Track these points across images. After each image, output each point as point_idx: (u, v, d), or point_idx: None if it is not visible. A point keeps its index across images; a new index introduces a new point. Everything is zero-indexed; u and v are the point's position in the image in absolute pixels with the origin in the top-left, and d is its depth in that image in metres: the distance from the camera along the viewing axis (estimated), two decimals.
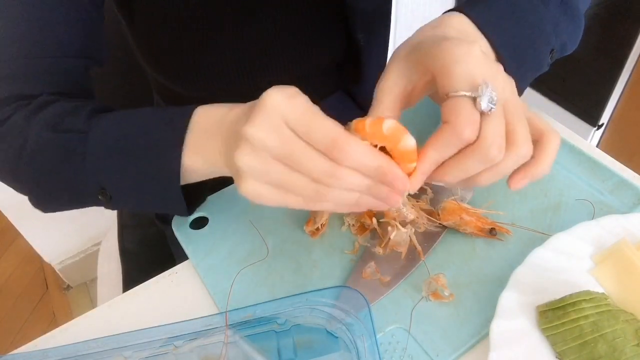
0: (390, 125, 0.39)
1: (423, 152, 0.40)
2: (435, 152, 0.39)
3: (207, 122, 0.45)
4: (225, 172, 0.45)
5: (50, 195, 0.53)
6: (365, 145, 0.38)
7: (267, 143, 0.38)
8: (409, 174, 0.40)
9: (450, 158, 0.40)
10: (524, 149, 0.40)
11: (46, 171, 0.50)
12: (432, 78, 0.41)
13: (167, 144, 0.46)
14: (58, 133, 0.48)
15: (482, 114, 0.38)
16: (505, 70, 0.42)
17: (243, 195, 0.40)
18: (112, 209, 0.52)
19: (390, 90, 0.43)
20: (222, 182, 0.65)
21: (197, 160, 0.46)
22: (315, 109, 0.38)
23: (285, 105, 0.38)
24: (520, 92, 0.48)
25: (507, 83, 0.41)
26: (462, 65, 0.38)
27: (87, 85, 0.57)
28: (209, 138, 0.44)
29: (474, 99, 0.37)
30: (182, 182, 0.47)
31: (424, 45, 0.41)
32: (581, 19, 0.54)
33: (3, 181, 0.53)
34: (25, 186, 0.52)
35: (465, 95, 0.37)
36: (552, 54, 0.51)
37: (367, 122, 0.39)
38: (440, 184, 0.42)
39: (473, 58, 0.38)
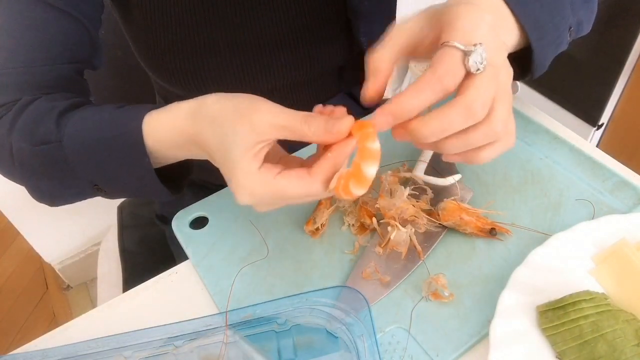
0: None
1: (401, 92, 0.40)
2: (412, 92, 0.39)
3: (161, 138, 0.47)
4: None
5: (51, 194, 0.53)
6: (322, 170, 0.41)
7: (255, 201, 0.42)
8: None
9: (434, 110, 0.40)
10: (498, 126, 0.40)
11: (39, 175, 0.51)
12: (439, 34, 0.41)
13: (131, 155, 0.47)
14: (35, 146, 0.49)
15: (469, 73, 0.38)
16: (528, 41, 0.42)
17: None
18: (111, 198, 0.54)
19: (401, 34, 0.43)
20: (222, 182, 0.66)
21: (167, 159, 0.49)
22: (276, 186, 0.41)
23: (254, 194, 0.41)
24: (542, 68, 0.49)
25: (504, 67, 0.41)
26: (465, 21, 0.39)
27: (80, 87, 0.57)
28: (170, 149, 0.47)
29: (465, 54, 0.38)
30: (158, 166, 0.49)
31: (444, 6, 0.42)
32: (595, 1, 0.55)
33: (12, 179, 0.54)
34: (27, 185, 0.53)
35: (457, 47, 0.38)
36: (570, 32, 0.51)
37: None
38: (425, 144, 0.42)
39: (478, 20, 0.39)
